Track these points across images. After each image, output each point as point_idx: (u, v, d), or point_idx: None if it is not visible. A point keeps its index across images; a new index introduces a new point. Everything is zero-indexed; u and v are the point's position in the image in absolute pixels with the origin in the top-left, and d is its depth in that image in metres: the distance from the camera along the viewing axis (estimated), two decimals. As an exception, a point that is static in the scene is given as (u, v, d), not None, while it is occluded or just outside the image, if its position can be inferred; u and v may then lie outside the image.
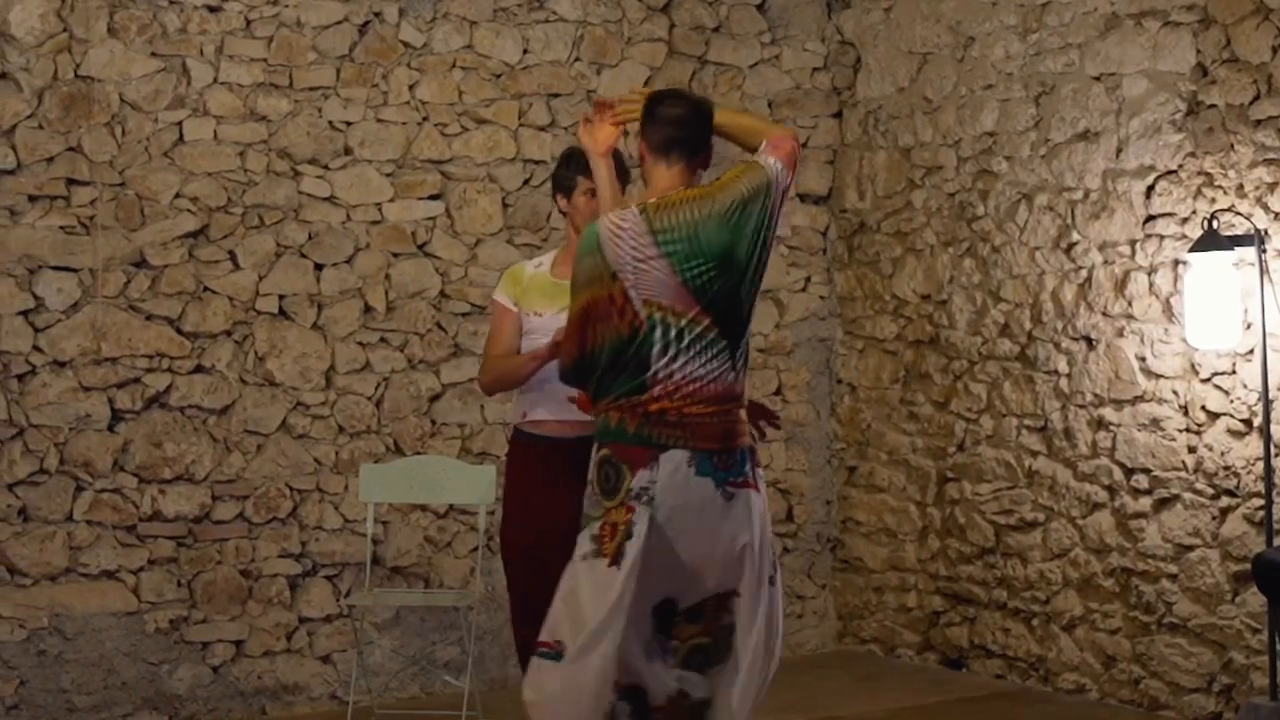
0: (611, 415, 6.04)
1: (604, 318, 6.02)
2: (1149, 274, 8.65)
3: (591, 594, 5.90)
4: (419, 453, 9.09)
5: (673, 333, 6.00)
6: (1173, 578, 8.54)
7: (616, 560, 5.90)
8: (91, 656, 8.41)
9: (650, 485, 5.96)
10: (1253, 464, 8.11)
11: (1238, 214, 8.09)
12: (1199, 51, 8.38)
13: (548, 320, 6.72)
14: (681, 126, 6.21)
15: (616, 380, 6.03)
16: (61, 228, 8.39)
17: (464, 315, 9.30)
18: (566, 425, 6.66)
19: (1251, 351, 8.09)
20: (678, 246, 6.02)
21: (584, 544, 5.98)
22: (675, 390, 5.99)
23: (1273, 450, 7.93)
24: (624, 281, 6.02)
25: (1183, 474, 8.47)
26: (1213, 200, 8.27)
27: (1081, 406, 8.99)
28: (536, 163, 9.48)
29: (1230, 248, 8.00)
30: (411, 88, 9.22)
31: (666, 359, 6.00)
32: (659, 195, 6.13)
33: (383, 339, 9.12)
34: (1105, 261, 8.86)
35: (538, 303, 6.83)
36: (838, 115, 10.45)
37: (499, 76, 9.44)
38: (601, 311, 6.03)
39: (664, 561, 5.96)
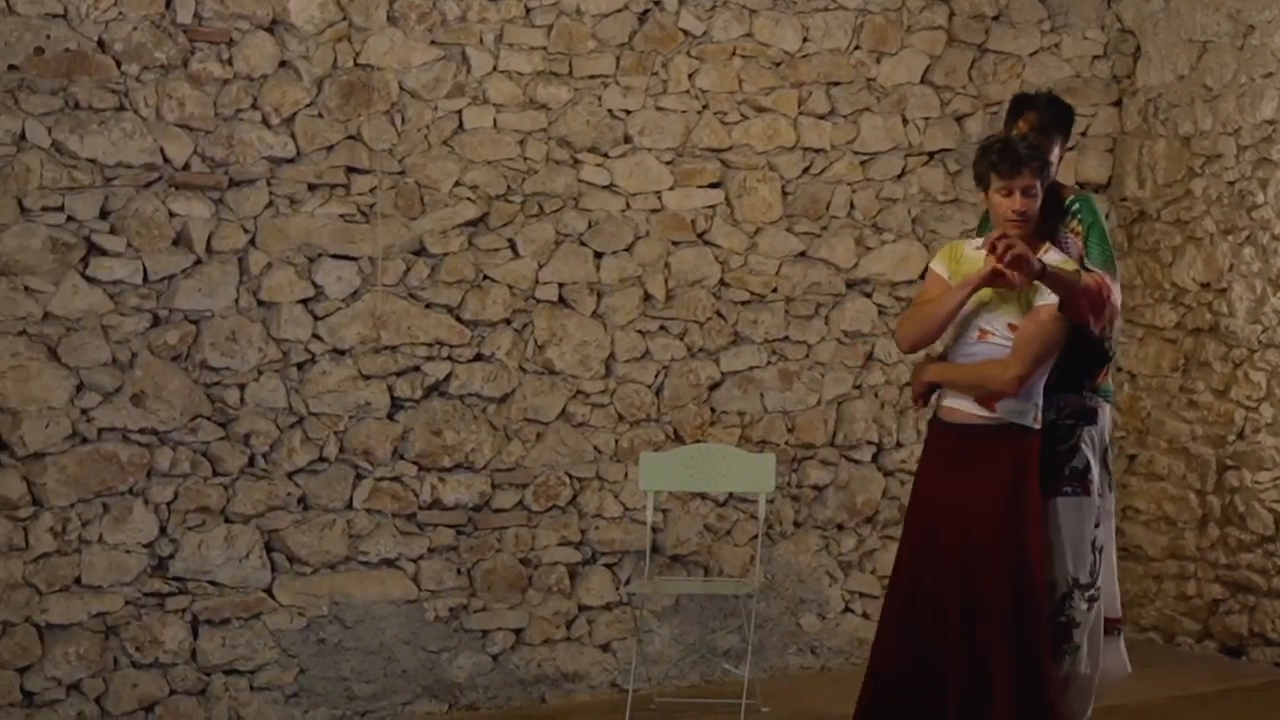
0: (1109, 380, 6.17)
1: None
2: None
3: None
4: (699, 441, 7.98)
5: None
6: None
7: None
8: (371, 645, 7.41)
9: None
10: None
11: None
12: None
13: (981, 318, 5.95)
14: None
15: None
16: (341, 216, 7.34)
17: (743, 304, 8.12)
18: (960, 414, 5.92)
19: None
20: None
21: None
22: None
23: None
24: None
25: None
26: None
27: (1362, 395, 7.72)
28: (816, 151, 8.25)
29: None
30: (691, 76, 8.00)
31: None
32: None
33: (662, 327, 7.97)
34: (1386, 250, 7.56)
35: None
36: (1117, 104, 9.02)
37: (779, 65, 8.18)
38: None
39: None
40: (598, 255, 7.80)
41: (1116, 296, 5.94)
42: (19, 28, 6.73)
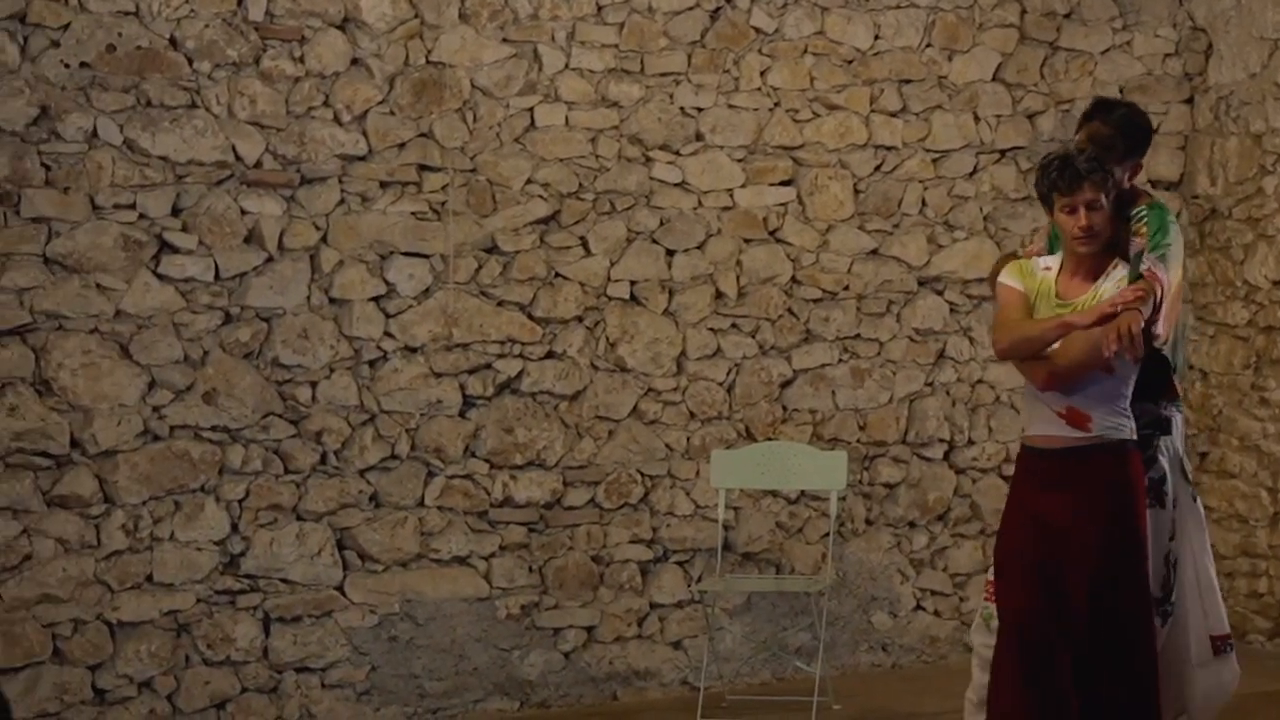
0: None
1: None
2: None
3: None
4: (770, 438, 7.63)
5: None
6: None
7: None
8: (443, 642, 7.10)
9: None
10: None
11: None
12: None
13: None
14: None
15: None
16: (413, 213, 7.03)
17: (815, 301, 7.76)
18: (1055, 439, 5.39)
19: None
20: None
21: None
22: None
23: None
24: None
25: None
26: None
27: None
28: (888, 149, 7.88)
29: None
30: (763, 73, 7.63)
31: None
32: None
33: (734, 325, 7.63)
34: None
35: (1041, 314, 5.46)
36: (1189, 101, 8.58)
37: (850, 62, 7.80)
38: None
39: None
40: (669, 253, 7.49)
41: (1164, 278, 5.37)
42: (91, 25, 6.46)
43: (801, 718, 6.97)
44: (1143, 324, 5.12)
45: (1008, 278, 5.48)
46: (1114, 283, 5.33)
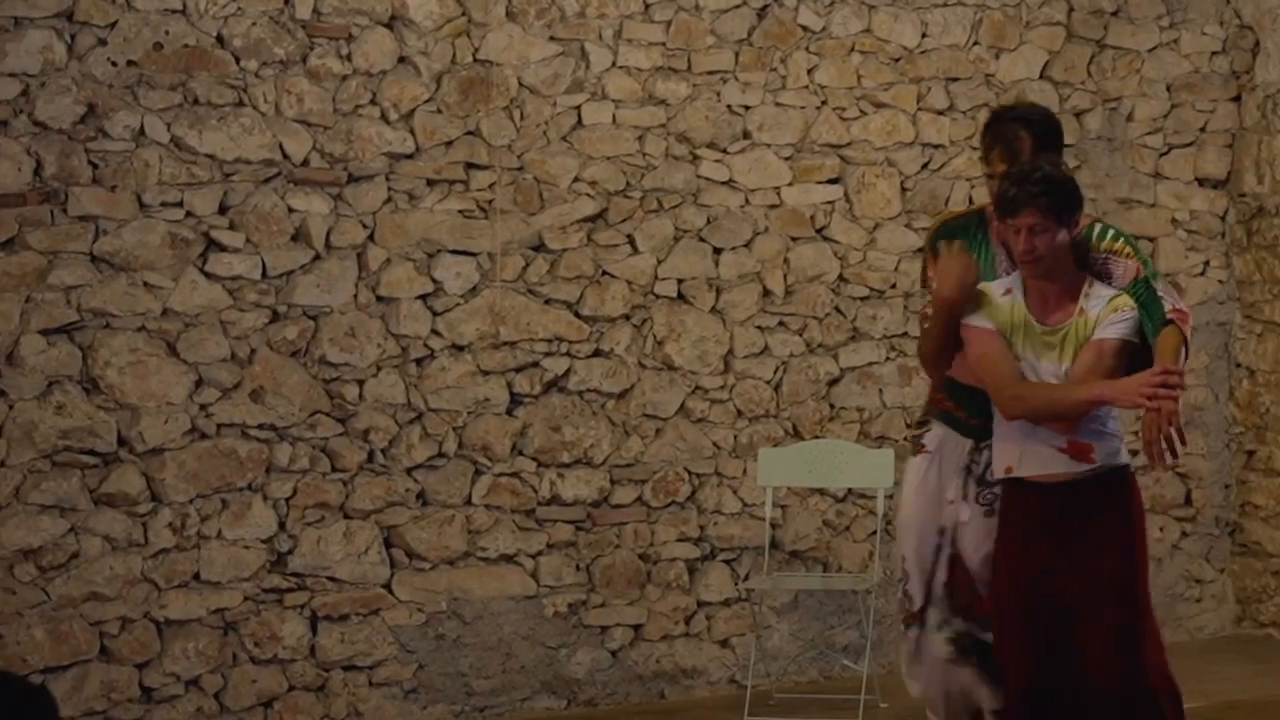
0: None
1: None
2: None
3: None
4: (817, 436, 7.42)
5: None
6: None
7: None
8: (490, 640, 6.90)
9: None
10: None
11: None
12: None
13: (1046, 373, 5.05)
14: None
15: None
16: (460, 211, 6.82)
17: (862, 299, 7.52)
18: (1058, 475, 5.03)
19: None
20: None
21: None
22: None
23: None
24: None
25: None
26: None
27: None
28: (935, 147, 7.62)
29: None
30: (810, 71, 7.39)
31: None
32: None
33: (781, 323, 7.39)
34: None
35: (1024, 347, 5.06)
36: (1236, 99, 8.28)
37: (897, 60, 7.55)
38: None
39: None
40: (716, 251, 7.26)
41: (1189, 311, 5.10)
42: (138, 23, 6.26)
43: (849, 716, 6.78)
44: (1179, 405, 4.82)
45: (974, 319, 5.07)
46: (1103, 303, 4.95)
